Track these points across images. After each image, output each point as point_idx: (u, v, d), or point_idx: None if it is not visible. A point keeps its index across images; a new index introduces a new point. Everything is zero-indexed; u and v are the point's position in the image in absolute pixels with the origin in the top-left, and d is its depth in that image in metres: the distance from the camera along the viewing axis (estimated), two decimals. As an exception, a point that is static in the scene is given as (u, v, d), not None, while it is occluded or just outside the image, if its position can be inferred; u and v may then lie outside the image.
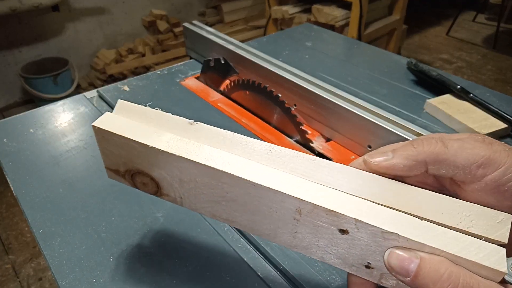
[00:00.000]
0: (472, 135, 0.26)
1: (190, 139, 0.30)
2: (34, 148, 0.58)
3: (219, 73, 0.74)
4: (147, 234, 0.45)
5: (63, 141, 0.60)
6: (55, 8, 2.05)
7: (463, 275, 0.22)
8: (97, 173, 0.53)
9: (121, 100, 0.34)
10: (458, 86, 0.67)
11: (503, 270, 0.22)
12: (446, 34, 3.01)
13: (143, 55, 2.44)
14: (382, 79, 0.77)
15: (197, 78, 0.77)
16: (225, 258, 0.42)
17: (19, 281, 1.33)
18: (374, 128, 0.53)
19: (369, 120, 0.53)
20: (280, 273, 0.41)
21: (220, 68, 0.73)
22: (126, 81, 0.75)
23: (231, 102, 0.70)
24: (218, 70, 0.74)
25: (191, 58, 0.85)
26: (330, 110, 0.58)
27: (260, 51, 0.70)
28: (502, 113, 0.61)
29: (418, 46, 2.87)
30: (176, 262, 0.41)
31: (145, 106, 0.33)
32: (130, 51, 2.44)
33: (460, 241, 0.23)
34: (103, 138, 0.32)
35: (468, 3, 3.08)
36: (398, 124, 0.52)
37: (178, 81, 0.76)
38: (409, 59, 0.78)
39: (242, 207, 0.29)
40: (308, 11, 2.07)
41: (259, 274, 0.41)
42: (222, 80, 0.74)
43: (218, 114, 0.66)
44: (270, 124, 0.65)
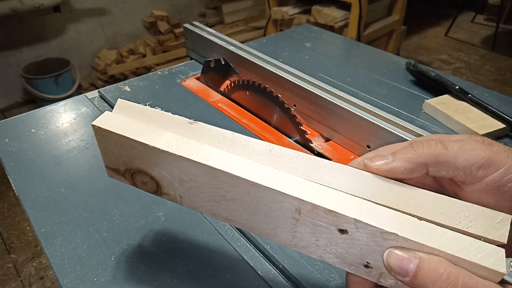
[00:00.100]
0: (471, 136, 0.26)
1: (190, 139, 0.30)
2: (36, 148, 0.59)
3: (220, 73, 0.74)
4: (148, 233, 0.45)
5: (65, 141, 0.60)
6: (56, 8, 2.05)
7: (462, 276, 0.22)
8: (98, 173, 0.53)
9: (120, 99, 0.33)
10: (457, 87, 0.67)
11: (502, 270, 0.22)
12: (445, 35, 3.01)
13: (144, 56, 2.45)
14: (381, 80, 0.77)
15: (197, 78, 0.77)
16: (225, 257, 0.42)
17: (21, 280, 1.34)
18: (373, 128, 0.53)
19: (368, 120, 0.54)
20: (279, 271, 0.41)
21: (220, 68, 0.74)
22: (127, 81, 0.75)
23: (231, 102, 0.70)
24: (218, 70, 0.74)
25: (192, 59, 0.85)
26: (329, 111, 0.59)
27: (260, 52, 0.71)
28: (500, 113, 0.62)
29: (417, 46, 2.87)
30: (176, 261, 0.42)
31: (145, 105, 0.33)
32: (131, 52, 2.45)
33: (459, 241, 0.23)
34: (103, 137, 0.32)
35: (467, 4, 3.08)
36: (397, 124, 0.53)
37: (178, 81, 0.76)
38: (408, 60, 0.79)
39: (242, 207, 0.29)
40: (307, 12, 2.07)
41: (259, 272, 0.41)
42: (222, 80, 0.74)
43: (219, 114, 0.66)
44: (270, 124, 0.65)
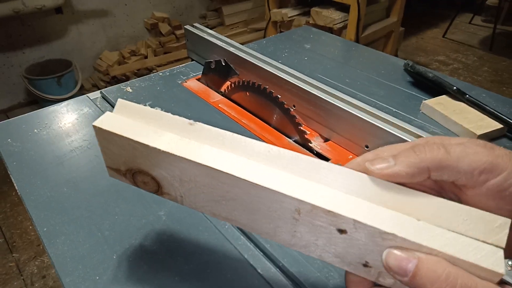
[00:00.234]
0: (472, 140, 0.25)
1: (190, 140, 0.30)
2: (38, 148, 0.59)
3: (220, 74, 0.75)
4: (150, 232, 0.45)
5: (67, 141, 0.61)
6: (58, 10, 2.06)
7: (461, 276, 0.22)
8: (100, 173, 0.54)
9: (121, 99, 0.33)
10: (454, 87, 0.67)
11: (501, 271, 0.22)
12: (443, 36, 3.01)
13: (146, 57, 2.46)
14: (379, 81, 0.78)
15: (198, 79, 0.78)
16: (226, 256, 0.43)
17: (23, 279, 1.34)
18: (371, 128, 0.54)
19: (366, 120, 0.54)
20: (279, 270, 0.42)
21: (220, 69, 0.74)
22: (128, 82, 0.76)
23: (232, 103, 0.71)
24: (218, 71, 0.75)
25: (193, 60, 0.85)
26: (328, 111, 0.59)
27: (260, 53, 0.71)
28: (498, 113, 0.62)
29: (415, 48, 2.87)
30: (178, 259, 0.42)
31: (144, 106, 0.33)
32: (133, 53, 2.45)
33: (457, 242, 0.23)
34: (104, 138, 0.32)
35: (465, 5, 3.08)
36: (395, 124, 0.53)
37: (179, 82, 0.77)
38: (406, 61, 0.79)
39: (242, 207, 0.29)
40: (307, 14, 2.08)
41: (259, 271, 0.41)
42: (223, 81, 0.74)
43: (219, 115, 0.66)
44: (269, 124, 0.65)
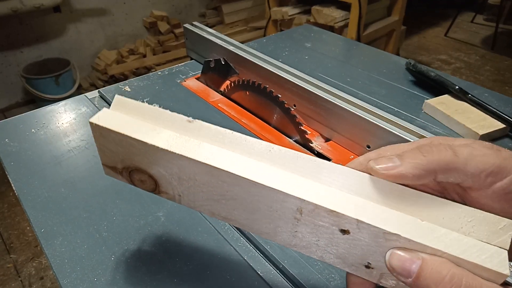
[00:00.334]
0: (478, 142, 0.25)
1: (189, 137, 0.30)
2: (36, 148, 0.59)
3: (220, 73, 0.74)
4: (148, 233, 0.45)
5: (65, 141, 0.60)
6: (57, 9, 2.05)
7: (466, 277, 0.22)
8: (98, 173, 0.53)
9: (118, 95, 0.33)
10: (457, 87, 0.67)
11: (505, 272, 0.22)
12: (445, 35, 3.01)
13: (144, 56, 2.45)
14: (380, 80, 0.77)
15: (197, 78, 0.77)
16: (225, 257, 0.42)
17: (21, 280, 1.34)
18: (373, 128, 0.53)
19: (368, 120, 0.54)
20: (279, 271, 0.41)
21: (220, 68, 0.74)
22: (127, 81, 0.75)
23: (231, 102, 0.70)
24: (218, 70, 0.74)
25: (192, 59, 0.85)
26: (329, 111, 0.59)
27: (260, 52, 0.71)
28: (500, 113, 0.62)
29: (416, 47, 2.87)
30: (176, 261, 0.42)
31: (142, 102, 0.32)
32: (131, 52, 2.45)
33: (462, 242, 0.23)
34: (101, 134, 0.31)
35: (466, 4, 3.08)
36: (396, 124, 0.53)
37: (178, 81, 0.76)
38: (407, 60, 0.79)
39: (242, 206, 0.29)
40: (307, 12, 2.08)
41: (259, 272, 0.41)
42: (223, 80, 0.74)
43: (219, 115, 0.66)
44: (270, 124, 0.65)
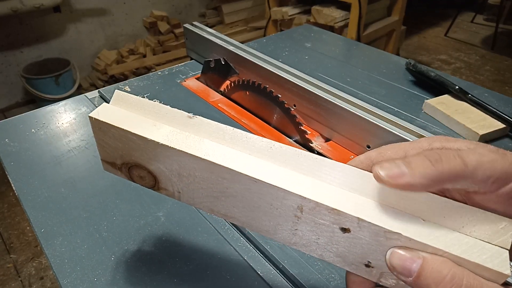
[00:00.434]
0: (482, 145, 0.24)
1: (189, 133, 0.30)
2: (36, 148, 0.59)
3: (220, 73, 0.74)
4: (148, 233, 0.45)
5: (65, 141, 0.60)
6: (57, 9, 2.05)
7: (466, 277, 0.22)
8: (98, 173, 0.53)
9: (118, 90, 0.33)
10: (457, 87, 0.67)
11: (506, 272, 0.22)
12: (445, 35, 3.01)
13: (144, 56, 2.45)
14: (381, 80, 0.77)
15: (197, 78, 0.77)
16: (225, 257, 0.42)
17: (21, 280, 1.34)
18: (373, 128, 0.53)
19: (368, 120, 0.54)
20: (279, 271, 0.41)
21: (220, 68, 0.74)
22: (127, 81, 0.75)
23: (231, 102, 0.70)
24: (218, 70, 0.74)
25: (192, 59, 0.85)
26: (329, 111, 0.59)
27: (260, 52, 0.71)
28: (500, 113, 0.62)
29: (416, 47, 2.87)
30: (176, 261, 0.42)
31: (142, 97, 0.32)
32: (131, 52, 2.45)
33: (463, 242, 0.23)
34: (100, 129, 0.31)
35: (466, 4, 3.08)
36: (396, 124, 0.53)
37: (178, 81, 0.76)
38: (407, 60, 0.79)
39: (242, 203, 0.29)
40: (307, 12, 2.08)
41: (259, 272, 0.41)
42: (223, 80, 0.74)
43: (219, 115, 0.66)
44: (270, 124, 0.65)
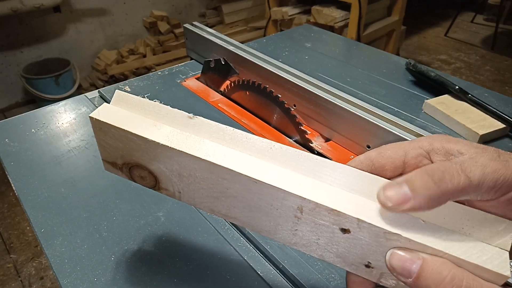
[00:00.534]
0: (485, 154, 0.24)
1: (190, 133, 0.30)
2: (36, 148, 0.59)
3: (219, 73, 0.74)
4: (148, 233, 0.45)
5: (65, 141, 0.60)
6: (57, 9, 2.05)
7: (466, 278, 0.22)
8: (98, 173, 0.53)
9: (118, 90, 0.33)
10: (457, 87, 0.67)
11: (506, 273, 0.22)
12: (445, 35, 3.01)
13: (144, 56, 2.45)
14: (381, 80, 0.77)
15: (197, 78, 0.77)
16: (225, 257, 0.42)
17: (21, 280, 1.34)
18: (373, 128, 0.53)
19: (368, 120, 0.54)
20: (279, 271, 0.41)
21: (220, 68, 0.74)
22: (127, 81, 0.75)
23: (231, 102, 0.70)
24: (218, 70, 0.74)
25: (192, 59, 0.85)
26: (329, 111, 0.59)
27: (260, 52, 0.71)
28: (500, 113, 0.62)
29: (416, 47, 2.87)
30: (176, 261, 0.42)
31: (143, 97, 0.32)
32: (131, 52, 2.45)
33: (462, 243, 0.23)
34: (101, 130, 0.31)
35: (466, 4, 3.08)
36: (396, 124, 0.53)
37: (178, 81, 0.76)
38: (407, 60, 0.79)
39: (242, 204, 0.29)
40: (307, 12, 2.08)
41: (259, 272, 0.41)
42: (222, 80, 0.74)
43: (218, 115, 0.66)
44: (270, 124, 0.65)
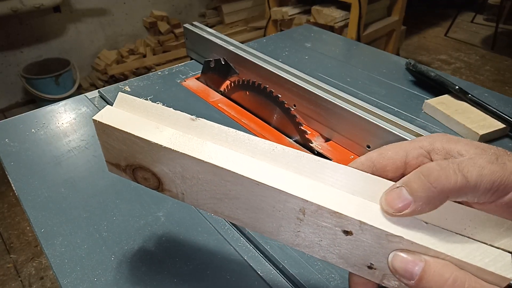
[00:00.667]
0: (483, 155, 0.24)
1: (192, 136, 0.30)
2: (36, 148, 0.59)
3: (219, 73, 0.74)
4: (148, 233, 0.45)
5: (65, 141, 0.60)
6: (57, 9, 2.05)
7: (468, 280, 0.22)
8: (98, 173, 0.53)
9: (121, 93, 0.33)
10: (457, 87, 0.67)
11: (509, 276, 0.21)
12: (445, 35, 3.01)
13: (144, 56, 2.45)
14: (381, 80, 0.77)
15: (197, 78, 0.77)
16: (225, 257, 0.42)
17: (21, 280, 1.34)
18: (373, 128, 0.53)
19: (368, 120, 0.54)
20: (279, 271, 0.41)
21: (220, 68, 0.74)
22: (127, 81, 0.75)
23: (231, 102, 0.70)
24: (218, 70, 0.74)
25: (192, 59, 0.85)
26: (329, 111, 0.59)
27: (260, 52, 0.71)
28: (500, 113, 0.62)
29: (416, 47, 2.87)
30: (176, 261, 0.42)
31: (145, 100, 0.32)
32: (131, 52, 2.45)
33: (465, 245, 0.23)
34: (104, 132, 0.31)
35: (466, 4, 3.08)
36: (396, 124, 0.53)
37: (178, 81, 0.76)
38: (407, 60, 0.79)
39: (245, 205, 0.29)
40: (307, 12, 2.07)
41: (259, 272, 0.41)
42: (222, 80, 0.74)
43: (219, 115, 0.66)
44: (270, 124, 0.65)
